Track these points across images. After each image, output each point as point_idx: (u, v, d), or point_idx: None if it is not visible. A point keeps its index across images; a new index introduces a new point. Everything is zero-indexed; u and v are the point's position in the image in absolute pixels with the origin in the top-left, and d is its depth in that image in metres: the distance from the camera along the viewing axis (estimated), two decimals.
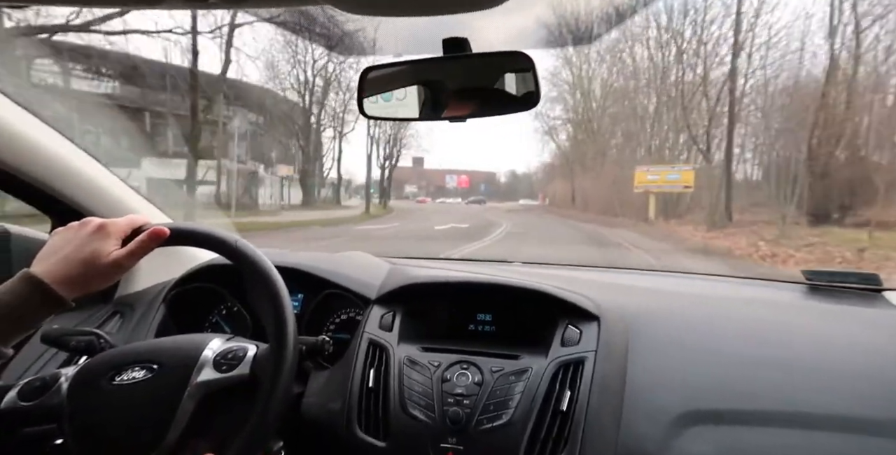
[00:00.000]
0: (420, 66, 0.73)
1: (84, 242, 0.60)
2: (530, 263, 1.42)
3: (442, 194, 65.06)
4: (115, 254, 0.61)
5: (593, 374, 0.76)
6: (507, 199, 55.05)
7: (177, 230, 0.67)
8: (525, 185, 59.23)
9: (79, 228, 0.62)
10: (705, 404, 0.73)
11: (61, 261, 0.59)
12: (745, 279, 1.26)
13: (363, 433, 0.79)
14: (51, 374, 0.64)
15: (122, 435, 0.59)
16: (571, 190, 27.77)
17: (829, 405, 0.71)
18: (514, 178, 68.78)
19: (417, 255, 1.44)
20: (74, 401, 0.61)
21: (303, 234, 11.15)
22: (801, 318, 0.93)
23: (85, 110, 11.90)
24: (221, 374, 0.62)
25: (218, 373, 0.62)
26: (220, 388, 0.61)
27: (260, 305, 0.65)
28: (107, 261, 0.60)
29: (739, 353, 0.80)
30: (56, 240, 0.61)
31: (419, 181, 70.26)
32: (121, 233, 0.63)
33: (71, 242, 0.60)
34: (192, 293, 1.02)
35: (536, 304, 0.87)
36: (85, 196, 0.97)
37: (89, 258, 0.59)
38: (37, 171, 0.89)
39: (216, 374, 0.62)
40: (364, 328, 0.90)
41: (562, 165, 30.70)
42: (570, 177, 27.87)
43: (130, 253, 0.62)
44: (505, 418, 0.74)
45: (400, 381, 0.81)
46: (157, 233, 0.64)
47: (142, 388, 0.61)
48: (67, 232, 0.62)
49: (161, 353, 0.66)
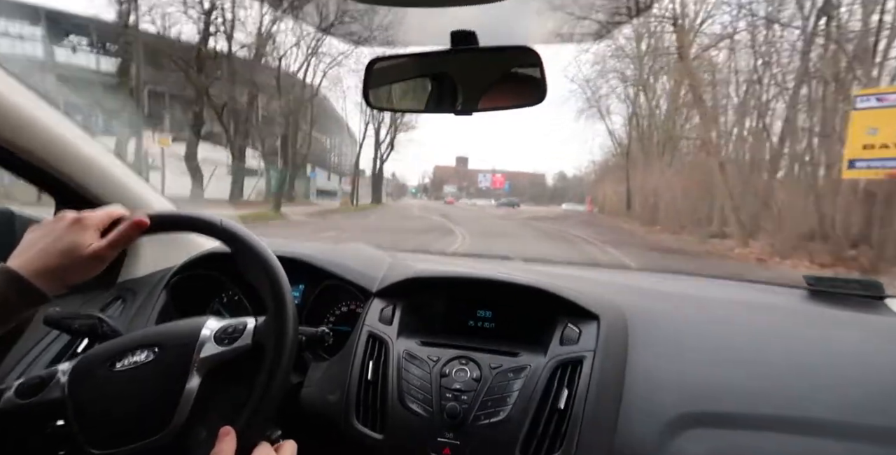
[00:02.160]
0: (427, 58, 0.73)
1: (61, 235, 0.59)
2: (532, 261, 1.42)
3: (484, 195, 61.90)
4: (95, 245, 0.60)
5: (591, 373, 0.75)
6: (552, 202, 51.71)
7: (160, 217, 0.67)
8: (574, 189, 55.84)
9: (56, 222, 0.61)
10: (703, 407, 0.73)
11: (39, 254, 0.57)
12: (747, 283, 1.26)
13: (361, 425, 0.79)
14: (47, 371, 0.64)
15: (130, 419, 0.59)
16: (626, 192, 20.92)
17: (827, 411, 0.70)
18: (563, 181, 65.53)
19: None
20: (76, 391, 0.61)
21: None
22: (802, 324, 0.93)
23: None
24: (224, 348, 0.62)
25: (220, 347, 0.62)
26: (225, 361, 0.61)
27: (254, 279, 0.65)
28: (86, 252, 0.59)
29: (739, 356, 0.79)
30: (33, 234, 0.60)
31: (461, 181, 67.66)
32: (99, 224, 0.62)
33: (48, 236, 0.59)
34: (193, 280, 1.03)
35: (537, 301, 0.87)
36: (89, 179, 0.98)
37: (67, 250, 0.58)
38: (44, 154, 0.90)
39: (219, 348, 0.62)
40: (364, 321, 0.90)
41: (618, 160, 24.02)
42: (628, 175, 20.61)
43: (110, 244, 0.61)
44: (502, 415, 0.74)
45: (398, 374, 0.81)
46: (137, 223, 0.62)
47: (145, 370, 0.61)
48: (44, 226, 0.61)
49: (160, 336, 0.66)
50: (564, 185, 64.65)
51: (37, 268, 0.57)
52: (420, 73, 0.72)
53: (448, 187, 66.59)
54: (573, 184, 60.25)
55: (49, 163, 0.91)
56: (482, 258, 1.47)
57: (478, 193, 65.28)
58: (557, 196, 60.61)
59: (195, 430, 0.60)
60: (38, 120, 0.86)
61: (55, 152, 0.91)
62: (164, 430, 0.58)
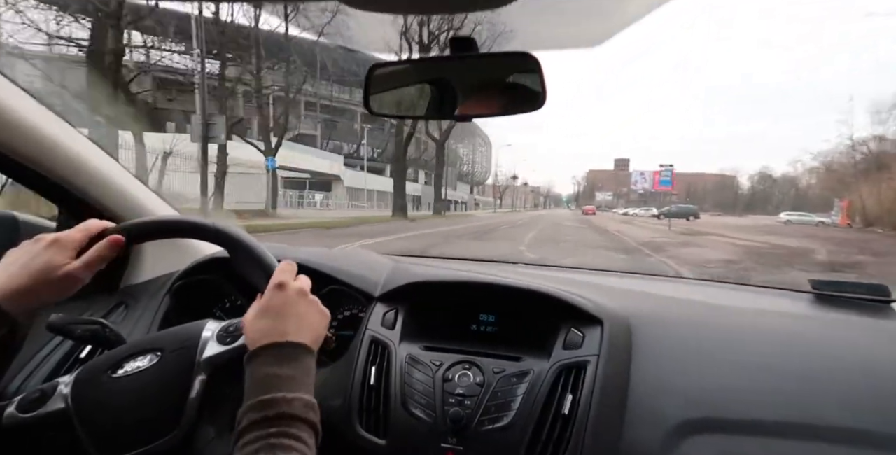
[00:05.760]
0: (427, 64, 0.73)
1: (35, 255, 0.59)
2: (535, 265, 1.42)
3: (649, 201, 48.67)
4: (69, 266, 0.59)
5: (595, 378, 0.75)
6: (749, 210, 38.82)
7: (143, 226, 0.68)
8: (785, 192, 42.80)
9: (33, 243, 0.61)
10: (709, 413, 0.72)
11: (12, 275, 0.57)
12: (752, 287, 1.25)
13: (363, 431, 0.79)
14: (48, 385, 0.64)
15: (138, 423, 0.59)
16: None
17: (834, 417, 0.69)
18: (766, 182, 50.47)
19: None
20: (80, 401, 0.61)
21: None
22: (808, 328, 0.92)
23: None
24: (227, 346, 0.63)
25: (223, 346, 0.63)
26: (228, 359, 0.62)
27: (255, 280, 0.65)
28: (59, 274, 0.59)
29: (744, 361, 0.79)
30: (10, 256, 0.60)
31: (618, 186, 57.64)
32: (75, 244, 0.61)
33: (22, 257, 0.59)
34: (195, 285, 1.03)
35: (540, 305, 0.87)
36: (93, 187, 0.98)
37: (39, 271, 0.58)
38: (48, 162, 0.90)
39: (221, 347, 0.63)
40: (367, 325, 0.90)
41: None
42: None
43: (85, 264, 0.60)
44: (506, 420, 0.74)
45: (401, 379, 0.81)
46: (113, 241, 0.62)
47: (148, 374, 0.62)
48: (22, 247, 0.61)
49: (161, 341, 0.66)
50: (768, 187, 49.53)
51: (6, 289, 0.56)
52: (420, 79, 0.73)
53: (601, 194, 57.27)
54: (783, 186, 46.48)
55: (53, 170, 0.92)
56: (485, 262, 1.47)
57: (639, 200, 53.54)
58: (757, 202, 45.89)
59: (204, 429, 0.60)
60: (39, 127, 0.87)
61: (58, 160, 0.91)
62: (173, 431, 0.58)
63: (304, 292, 0.61)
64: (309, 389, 0.54)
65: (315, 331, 0.60)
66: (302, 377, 0.54)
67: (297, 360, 0.55)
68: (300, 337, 0.57)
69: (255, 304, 0.61)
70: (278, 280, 0.60)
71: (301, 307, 0.60)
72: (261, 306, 0.59)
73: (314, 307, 0.61)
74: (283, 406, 0.50)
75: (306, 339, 0.57)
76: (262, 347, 0.55)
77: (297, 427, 0.51)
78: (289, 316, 0.58)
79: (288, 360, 0.55)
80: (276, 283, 0.60)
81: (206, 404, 0.60)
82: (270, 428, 0.49)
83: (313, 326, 0.60)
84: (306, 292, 0.62)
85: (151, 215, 1.06)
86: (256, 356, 0.55)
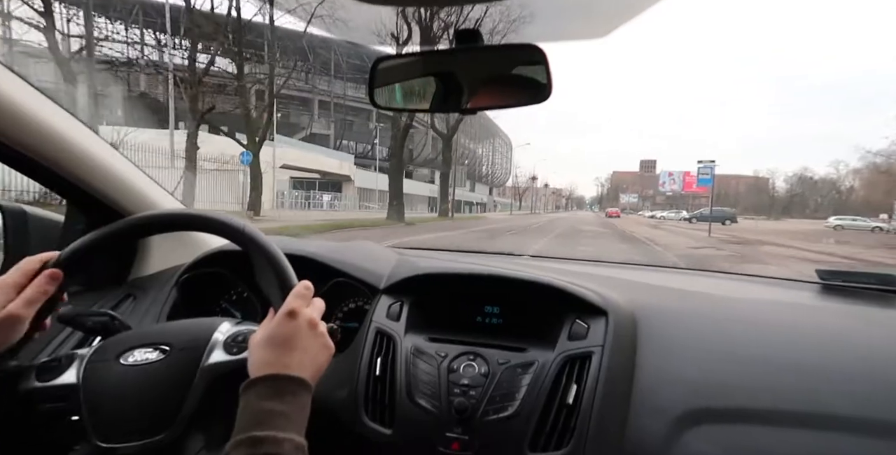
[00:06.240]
0: (431, 57, 0.73)
1: None
2: (539, 257, 1.42)
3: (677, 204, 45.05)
4: (10, 306, 0.59)
5: (600, 368, 0.76)
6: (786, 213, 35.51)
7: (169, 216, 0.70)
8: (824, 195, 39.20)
9: None
10: (714, 402, 0.72)
11: None
12: (758, 278, 1.24)
13: (369, 420, 0.80)
14: (67, 355, 0.66)
15: (136, 414, 0.60)
16: None
17: (841, 406, 0.69)
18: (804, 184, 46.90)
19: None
20: (88, 380, 0.63)
21: None
22: (815, 318, 0.92)
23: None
24: (231, 356, 0.63)
25: (228, 355, 0.64)
26: (230, 370, 0.62)
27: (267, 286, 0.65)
28: (1, 316, 0.58)
29: (750, 352, 0.79)
30: None
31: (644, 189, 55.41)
32: (14, 285, 0.61)
33: None
34: (202, 278, 1.04)
35: (544, 297, 0.87)
36: (100, 181, 0.99)
37: None
38: (56, 157, 0.91)
39: (226, 356, 0.64)
40: (372, 317, 0.90)
41: None
42: None
43: (25, 302, 0.59)
44: (510, 410, 0.75)
45: (407, 370, 0.81)
46: (50, 275, 0.62)
47: (154, 369, 0.63)
48: None
49: (172, 335, 0.67)
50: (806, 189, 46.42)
51: None
52: (425, 72, 0.72)
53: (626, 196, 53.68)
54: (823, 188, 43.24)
55: (61, 165, 0.92)
56: (489, 255, 1.47)
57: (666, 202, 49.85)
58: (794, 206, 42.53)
59: (194, 437, 0.61)
60: (49, 123, 0.88)
61: (66, 155, 0.92)
62: (165, 431, 0.59)
63: (313, 323, 0.60)
64: (301, 429, 0.54)
65: (317, 365, 0.59)
66: (296, 414, 0.54)
67: (293, 395, 0.55)
68: (301, 371, 0.57)
69: (264, 325, 0.60)
70: (291, 307, 0.60)
71: (308, 340, 0.59)
72: (268, 333, 0.59)
73: (320, 340, 0.61)
74: (272, 447, 0.50)
75: (307, 373, 0.57)
76: (262, 378, 0.55)
77: None
78: (294, 348, 0.57)
79: (284, 395, 0.54)
80: (288, 310, 0.59)
81: (200, 411, 0.61)
82: None
83: (316, 361, 0.59)
84: (316, 323, 0.61)
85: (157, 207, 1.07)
86: (254, 385, 0.55)
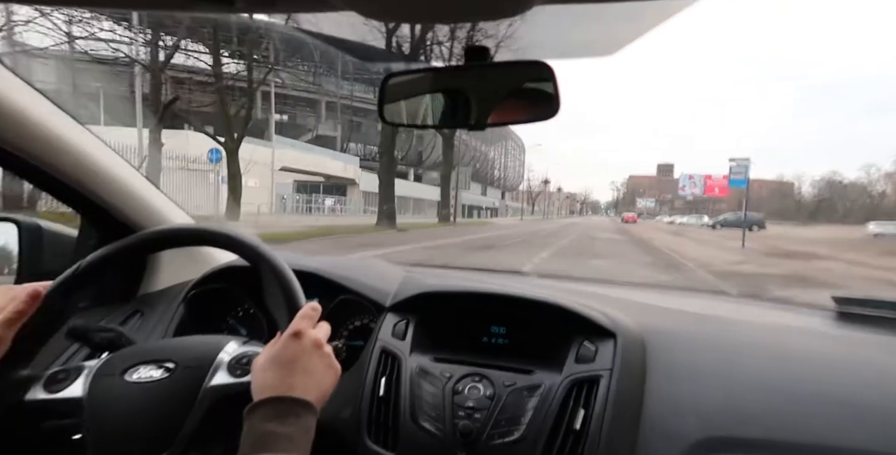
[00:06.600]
0: (441, 73, 0.74)
1: None
2: (547, 276, 1.40)
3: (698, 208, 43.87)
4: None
5: (608, 393, 0.73)
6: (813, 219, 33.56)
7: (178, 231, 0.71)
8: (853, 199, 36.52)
9: None
10: (726, 432, 0.70)
11: None
12: (774, 303, 1.22)
13: (372, 443, 0.78)
14: (75, 367, 0.66)
15: (137, 431, 0.59)
16: None
17: (855, 439, 0.67)
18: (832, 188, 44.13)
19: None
20: (93, 394, 0.62)
21: None
22: (830, 347, 0.89)
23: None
24: (235, 379, 0.62)
25: (232, 377, 0.63)
26: (233, 392, 0.61)
27: (274, 306, 0.65)
28: None
29: (764, 381, 0.76)
30: None
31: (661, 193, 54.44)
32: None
33: None
34: (210, 294, 1.04)
35: (551, 318, 0.86)
36: (113, 196, 1.00)
37: None
38: (71, 172, 0.93)
39: (230, 379, 0.62)
40: (377, 335, 0.89)
41: None
42: None
43: (5, 321, 0.58)
44: (516, 434, 0.73)
45: (411, 391, 0.80)
46: (31, 295, 0.60)
47: (157, 387, 0.62)
48: None
49: (178, 353, 0.66)
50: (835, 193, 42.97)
51: None
52: (434, 88, 0.73)
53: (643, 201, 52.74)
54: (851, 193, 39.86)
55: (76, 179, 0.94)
56: (497, 273, 1.45)
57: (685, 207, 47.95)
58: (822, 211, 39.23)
59: (197, 451, 0.60)
60: (64, 137, 0.89)
61: (82, 169, 0.94)
62: (165, 451, 0.58)
63: (318, 344, 0.60)
64: (305, 452, 0.53)
65: (322, 388, 0.58)
66: (299, 436, 0.53)
67: (297, 418, 0.54)
68: (306, 393, 0.56)
69: (269, 347, 0.59)
70: (296, 328, 0.59)
71: (313, 361, 0.58)
72: (273, 354, 0.58)
73: (325, 361, 0.60)
74: None
75: (312, 396, 0.56)
76: (265, 401, 0.54)
77: None
78: (298, 370, 0.57)
79: (287, 417, 0.53)
80: (293, 331, 0.59)
81: (200, 432, 0.60)
82: None
83: (322, 383, 0.58)
84: (321, 344, 0.60)
85: (168, 221, 1.08)
86: (257, 409, 0.54)
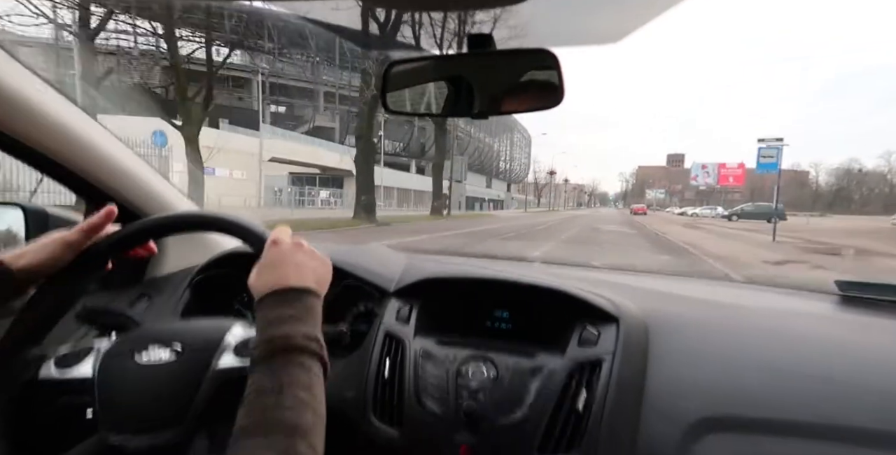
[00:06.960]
0: (444, 61, 0.73)
1: (49, 234, 0.66)
2: (550, 263, 1.41)
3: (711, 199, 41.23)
4: (67, 233, 0.66)
5: (611, 375, 0.75)
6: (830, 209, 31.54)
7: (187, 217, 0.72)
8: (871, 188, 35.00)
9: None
10: (727, 411, 0.71)
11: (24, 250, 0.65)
12: (776, 288, 1.22)
13: (377, 420, 0.80)
14: (84, 345, 0.67)
15: (146, 411, 0.61)
16: None
17: (857, 419, 0.68)
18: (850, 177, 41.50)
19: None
20: (103, 374, 0.64)
21: None
22: (832, 330, 0.90)
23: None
24: (240, 363, 0.64)
25: (238, 360, 0.64)
26: (240, 375, 0.62)
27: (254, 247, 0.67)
28: (55, 237, 0.65)
29: (765, 362, 0.77)
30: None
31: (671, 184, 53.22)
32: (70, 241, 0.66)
33: (41, 238, 0.66)
34: (216, 279, 1.05)
35: (554, 303, 0.87)
36: (120, 184, 1.02)
37: (46, 242, 0.65)
38: (79, 161, 0.94)
39: (237, 361, 0.64)
40: (381, 320, 0.91)
41: None
42: None
43: (80, 230, 0.66)
44: (519, 414, 0.74)
45: (415, 373, 0.81)
46: (105, 212, 0.67)
47: (165, 369, 0.63)
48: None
49: (186, 335, 0.68)
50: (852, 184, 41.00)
51: (15, 255, 0.63)
52: (437, 76, 0.73)
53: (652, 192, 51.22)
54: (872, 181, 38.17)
55: (83, 168, 0.95)
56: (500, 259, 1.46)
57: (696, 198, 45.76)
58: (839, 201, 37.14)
59: (201, 436, 0.62)
60: (72, 127, 0.90)
61: (89, 158, 0.95)
62: (174, 430, 0.60)
63: (299, 244, 0.63)
64: (313, 325, 0.56)
65: (316, 273, 0.61)
66: (304, 315, 0.56)
67: (299, 301, 0.57)
68: (302, 281, 0.59)
69: (255, 265, 0.62)
70: (273, 237, 0.62)
71: (298, 256, 0.61)
72: (259, 264, 0.61)
73: (311, 254, 0.63)
74: (283, 340, 0.53)
75: (308, 282, 0.59)
76: (267, 294, 0.57)
77: (300, 357, 0.53)
78: (287, 265, 0.59)
79: (290, 301, 0.56)
80: (271, 241, 0.62)
81: (207, 413, 0.61)
82: (272, 362, 0.52)
83: (316, 271, 0.61)
84: (302, 244, 0.63)
85: (173, 209, 1.09)
86: (262, 302, 0.57)
